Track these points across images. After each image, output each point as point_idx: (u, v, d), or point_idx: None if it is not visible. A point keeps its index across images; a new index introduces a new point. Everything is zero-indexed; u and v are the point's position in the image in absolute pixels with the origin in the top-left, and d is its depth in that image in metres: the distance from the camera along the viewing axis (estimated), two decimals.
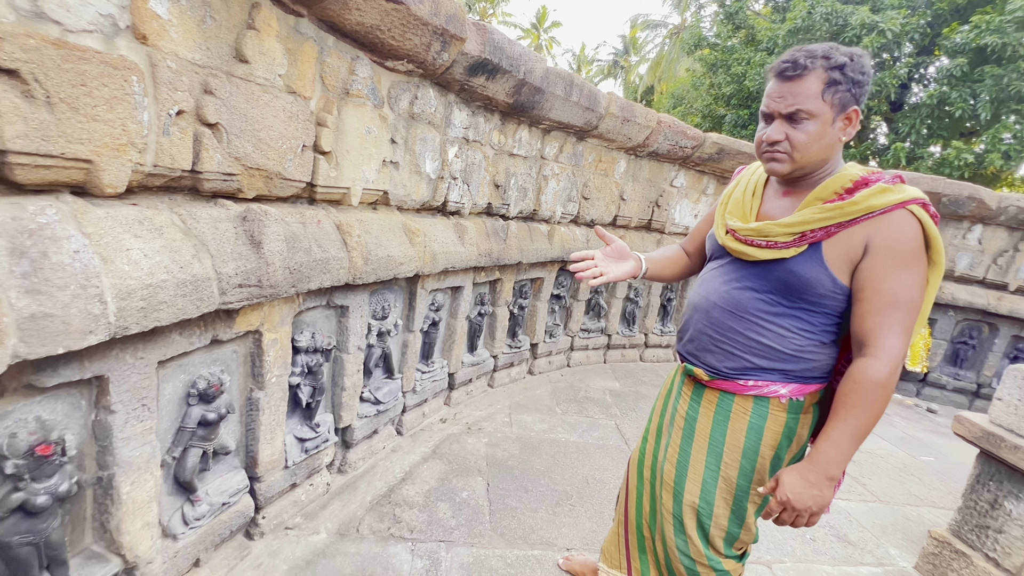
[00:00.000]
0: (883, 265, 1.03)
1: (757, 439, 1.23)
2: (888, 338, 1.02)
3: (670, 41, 22.63)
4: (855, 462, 3.21)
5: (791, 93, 1.05)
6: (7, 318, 0.86)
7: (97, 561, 1.26)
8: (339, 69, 1.77)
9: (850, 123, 1.07)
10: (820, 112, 1.04)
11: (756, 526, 1.36)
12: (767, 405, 1.21)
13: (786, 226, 1.12)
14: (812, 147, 1.07)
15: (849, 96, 1.04)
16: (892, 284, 1.03)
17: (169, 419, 1.44)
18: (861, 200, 1.04)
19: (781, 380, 1.19)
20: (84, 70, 1.00)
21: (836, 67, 1.02)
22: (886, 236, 1.03)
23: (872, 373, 1.02)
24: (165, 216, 1.27)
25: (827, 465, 1.06)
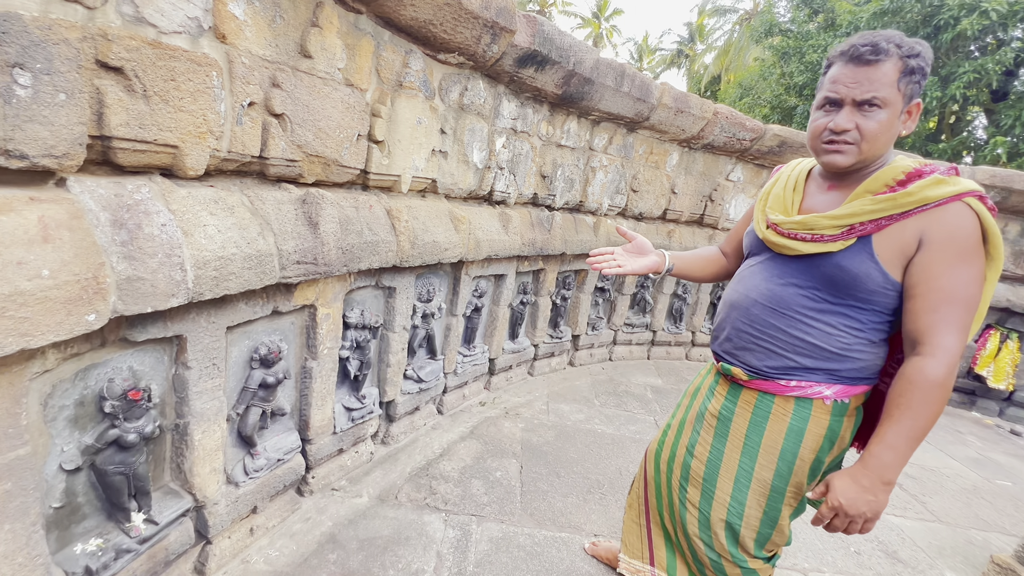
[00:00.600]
0: (939, 259, 0.98)
1: (797, 441, 1.19)
2: (945, 336, 0.97)
3: (739, 28, 21.45)
4: (914, 478, 3.00)
5: (867, 79, 0.99)
6: (109, 278, 1.02)
7: (173, 497, 1.45)
8: (394, 62, 1.88)
9: (910, 116, 1.03)
10: (894, 101, 0.99)
11: (790, 528, 1.34)
12: (809, 407, 1.17)
13: (834, 218, 1.07)
14: (881, 138, 1.02)
15: (917, 88, 1.00)
16: (949, 279, 0.98)
17: (234, 379, 1.61)
18: (916, 191, 0.99)
19: (826, 380, 1.15)
20: (174, 67, 1.15)
21: (912, 55, 0.98)
22: (942, 229, 0.98)
23: (928, 372, 0.98)
24: (236, 197, 1.42)
25: (882, 469, 1.01)
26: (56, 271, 0.92)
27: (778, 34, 11.90)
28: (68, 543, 1.23)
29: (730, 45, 21.40)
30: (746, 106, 13.67)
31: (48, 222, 0.94)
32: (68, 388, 1.14)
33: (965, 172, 4.17)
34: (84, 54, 0.99)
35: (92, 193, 1.06)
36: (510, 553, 1.87)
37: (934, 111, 9.72)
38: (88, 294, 0.97)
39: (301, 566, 1.68)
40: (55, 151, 0.96)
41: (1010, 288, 4.45)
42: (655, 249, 1.53)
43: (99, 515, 1.29)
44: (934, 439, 3.75)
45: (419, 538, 1.88)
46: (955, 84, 8.22)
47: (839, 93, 1.03)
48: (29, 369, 1.00)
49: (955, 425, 4.21)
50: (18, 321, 0.87)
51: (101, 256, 1.01)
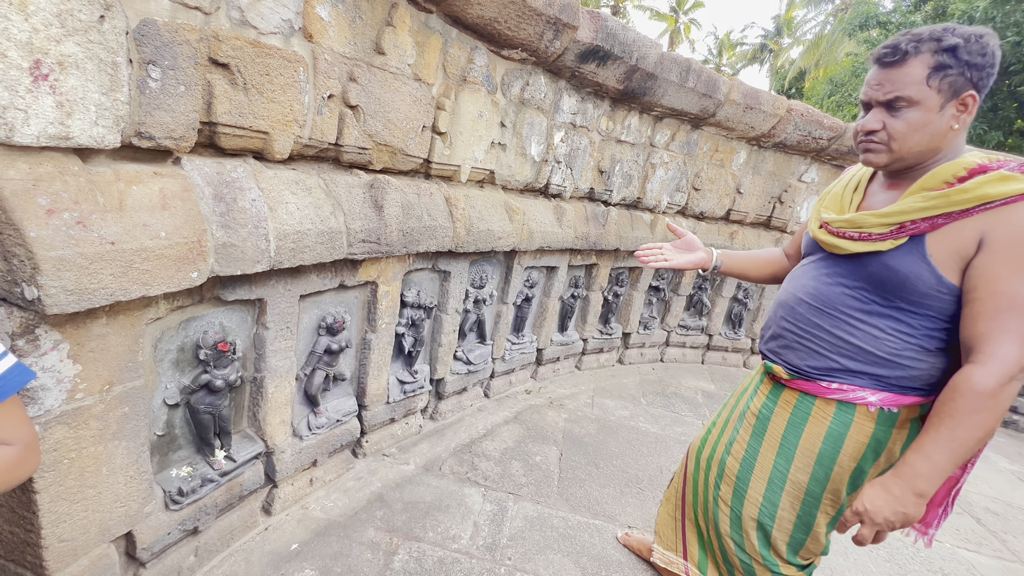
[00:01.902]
0: (1002, 263, 0.92)
1: (836, 447, 1.16)
2: (1002, 344, 0.91)
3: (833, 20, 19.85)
4: (996, 514, 2.71)
5: (889, 80, 0.99)
6: (209, 243, 1.20)
7: (249, 441, 1.66)
8: (459, 58, 1.99)
9: (966, 109, 0.98)
10: (924, 99, 0.97)
11: (827, 538, 1.31)
12: (852, 412, 1.13)
13: (882, 216, 1.04)
14: (912, 136, 0.99)
15: (963, 80, 0.95)
16: (1012, 284, 0.91)
17: (304, 343, 1.80)
18: (973, 188, 0.94)
19: (872, 386, 1.10)
20: (269, 63, 1.32)
21: (947, 49, 0.94)
22: (1006, 230, 0.92)
23: (976, 380, 0.92)
24: (314, 180, 1.60)
25: (914, 478, 0.96)
26: (170, 233, 1.11)
27: (876, 27, 10.91)
28: (166, 467, 1.45)
29: (821, 39, 19.86)
30: (835, 104, 12.66)
31: (167, 193, 1.13)
32: (173, 335, 1.35)
33: None
34: (200, 52, 1.18)
35: (200, 171, 1.25)
36: (543, 532, 1.94)
37: None
38: (193, 255, 1.16)
39: (351, 518, 1.85)
40: (174, 134, 1.15)
41: None
42: (704, 246, 1.54)
43: (190, 447, 1.51)
44: None
45: (458, 507, 2.00)
46: None
47: (867, 95, 1.04)
48: (146, 315, 1.20)
49: None
50: (142, 272, 1.06)
51: (204, 224, 1.19)
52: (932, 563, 2.18)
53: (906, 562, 2.15)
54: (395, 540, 1.77)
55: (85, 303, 0.96)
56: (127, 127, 1.06)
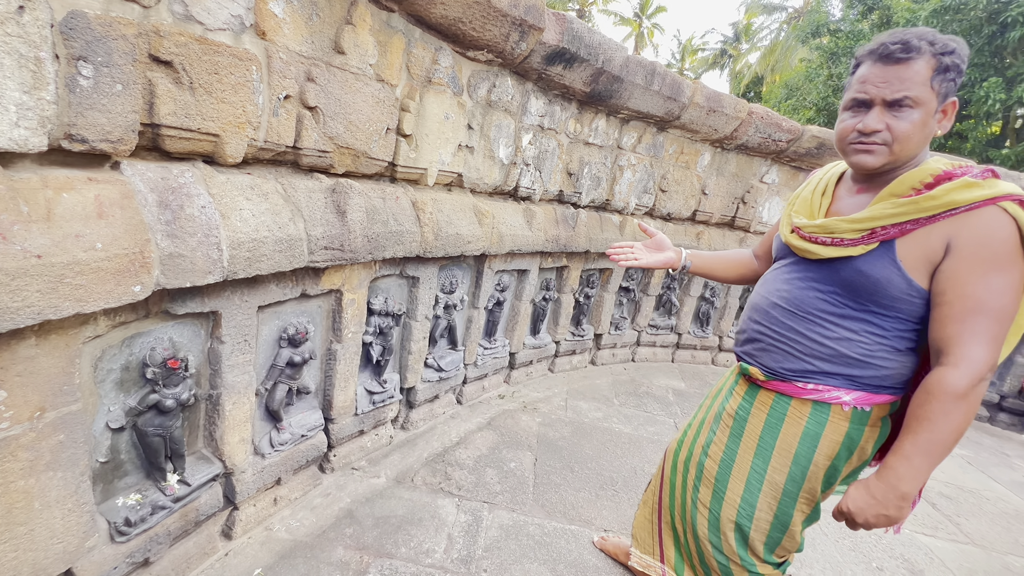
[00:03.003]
0: (967, 267, 0.94)
1: (812, 446, 1.18)
2: (970, 347, 0.93)
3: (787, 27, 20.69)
4: (950, 498, 2.85)
5: (898, 78, 0.96)
6: (153, 254, 1.12)
7: (205, 462, 1.56)
8: (423, 59, 1.94)
9: (946, 116, 0.99)
10: (927, 100, 0.96)
11: (802, 535, 1.32)
12: (827, 412, 1.15)
13: (854, 222, 1.05)
14: (914, 138, 0.98)
15: (953, 86, 0.96)
16: (977, 288, 0.93)
17: (264, 356, 1.71)
18: (941, 195, 0.95)
19: (846, 386, 1.12)
20: (217, 61, 1.24)
21: (946, 52, 0.94)
22: (971, 235, 0.94)
23: (947, 383, 0.94)
24: (270, 184, 1.52)
25: (896, 481, 0.99)
26: (108, 244, 1.02)
27: (827, 34, 11.43)
28: (111, 495, 1.34)
29: (776, 45, 20.68)
30: (791, 107, 13.19)
31: (103, 200, 1.04)
32: (115, 353, 1.25)
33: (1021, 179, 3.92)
34: (139, 49, 1.09)
35: (142, 176, 1.16)
36: (519, 541, 1.91)
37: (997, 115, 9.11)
38: (135, 267, 1.07)
39: (319, 537, 1.77)
40: (111, 136, 1.06)
41: None
42: (673, 247, 1.56)
43: (139, 472, 1.41)
44: (977, 460, 3.55)
45: (432, 520, 1.94)
46: (1022, 86, 7.69)
47: (868, 93, 1.00)
48: (83, 333, 1.11)
49: (1002, 447, 3.97)
50: (74, 288, 0.97)
51: (147, 233, 1.11)
52: (893, 549, 2.26)
53: (869, 550, 2.22)
54: (365, 558, 1.70)
55: (7, 323, 0.86)
56: (55, 129, 0.97)
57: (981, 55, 8.59)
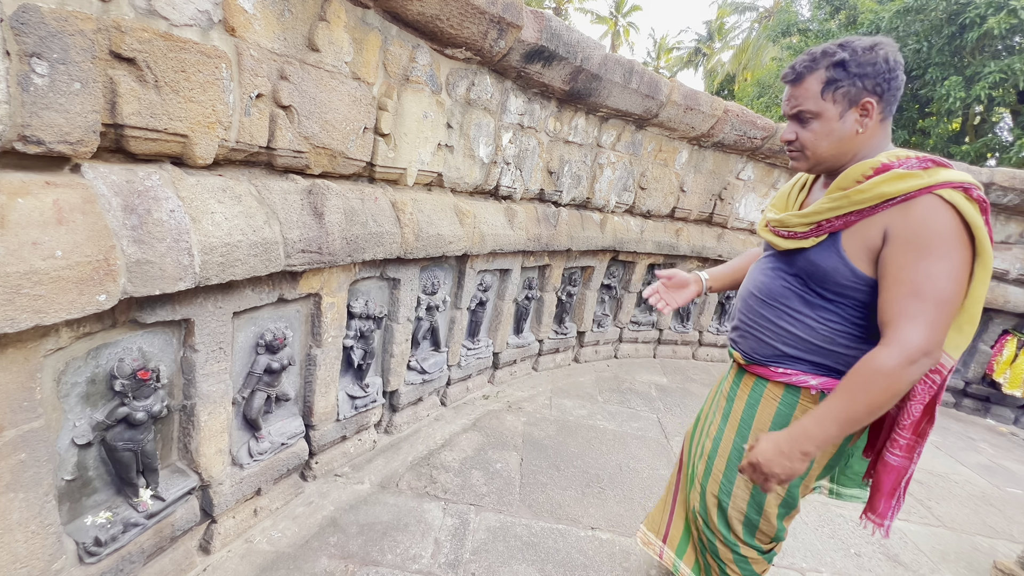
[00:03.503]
0: (902, 253, 0.98)
1: (783, 426, 1.22)
2: (904, 329, 0.96)
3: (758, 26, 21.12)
4: (921, 483, 2.96)
5: (794, 96, 1.10)
6: (119, 261, 1.06)
7: (180, 475, 1.50)
8: (400, 57, 1.91)
9: (867, 114, 1.05)
10: (823, 110, 1.06)
11: (779, 522, 1.33)
12: (797, 394, 1.20)
13: (802, 216, 1.13)
14: (821, 143, 1.08)
15: (857, 89, 1.03)
16: (912, 273, 0.97)
17: (241, 364, 1.66)
18: (870, 188, 1.01)
19: (812, 371, 1.18)
20: (184, 58, 1.19)
21: (836, 64, 1.03)
22: (905, 223, 0.98)
23: (876, 360, 0.97)
24: (244, 186, 1.47)
25: (803, 438, 1.03)
26: (69, 252, 0.97)
27: (796, 33, 11.70)
28: (79, 514, 1.28)
29: (747, 44, 21.09)
30: (763, 105, 13.47)
31: (63, 205, 0.98)
32: (80, 366, 1.19)
33: (984, 174, 4.08)
34: (98, 45, 1.04)
35: (105, 179, 1.10)
36: (507, 543, 1.89)
37: (957, 112, 9.47)
38: (99, 275, 1.02)
39: (302, 548, 1.72)
40: (70, 138, 1.01)
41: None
42: (689, 273, 1.62)
43: (109, 489, 1.34)
44: (945, 445, 3.69)
45: (418, 525, 1.92)
46: (980, 84, 8.01)
47: (783, 111, 1.15)
48: (43, 346, 1.05)
49: (968, 432, 4.14)
50: (32, 298, 0.91)
51: (112, 239, 1.05)
52: (869, 535, 2.32)
53: (846, 536, 2.28)
54: (351, 567, 1.67)
55: None
56: (7, 130, 0.91)
57: (942, 55, 8.91)
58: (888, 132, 1.10)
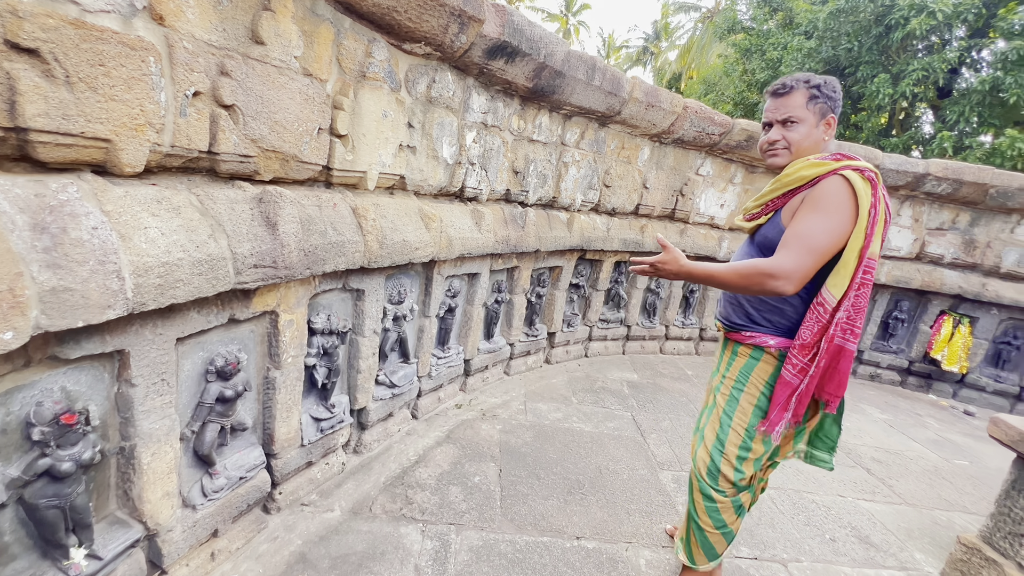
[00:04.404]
0: (802, 210, 1.31)
1: (747, 375, 1.50)
2: (780, 254, 1.27)
3: (702, 26, 21.88)
4: (880, 462, 3.10)
5: (783, 105, 1.40)
6: (29, 290, 0.90)
7: (120, 527, 1.32)
8: (356, 51, 1.77)
9: (829, 127, 1.38)
10: (805, 118, 1.37)
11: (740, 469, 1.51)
12: (761, 353, 1.46)
13: (756, 200, 1.48)
14: (803, 143, 1.38)
15: (826, 107, 1.36)
16: (801, 222, 1.29)
17: (188, 394, 1.48)
18: (794, 172, 1.35)
19: (770, 332, 1.44)
20: (102, 50, 1.02)
21: (815, 86, 1.36)
22: (812, 192, 1.30)
23: (759, 263, 1.28)
24: (183, 196, 1.30)
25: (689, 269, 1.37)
26: None
27: (740, 31, 12.18)
28: None
29: (693, 42, 21.80)
30: (710, 102, 13.94)
31: None
32: None
33: (920, 165, 4.34)
34: None
35: (6, 193, 0.93)
36: (491, 562, 1.81)
37: (886, 107, 10.14)
38: (2, 309, 0.85)
39: None
40: None
41: (961, 275, 4.67)
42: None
43: (31, 554, 1.15)
44: (896, 423, 3.90)
45: (395, 552, 1.79)
46: (905, 82, 8.58)
47: (768, 118, 1.45)
48: None
49: (914, 408, 4.40)
50: None
51: (18, 265, 0.88)
52: (841, 519, 2.40)
53: (821, 522, 2.34)
54: None
55: None
56: None
57: (871, 53, 9.50)
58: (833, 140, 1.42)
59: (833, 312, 1.30)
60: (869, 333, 4.95)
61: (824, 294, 1.30)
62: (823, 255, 1.25)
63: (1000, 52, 7.87)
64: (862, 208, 1.24)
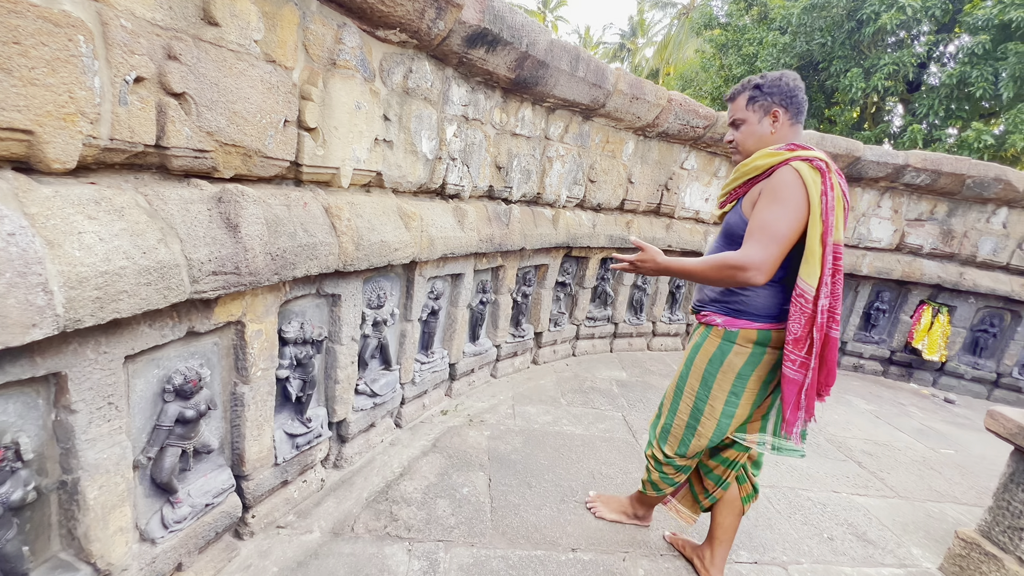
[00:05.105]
0: (761, 201, 1.38)
1: (695, 352, 1.62)
2: (747, 246, 1.34)
3: (679, 22, 22.03)
4: (871, 455, 3.09)
5: (732, 110, 1.56)
6: None
7: (65, 570, 1.17)
8: (324, 37, 1.63)
9: (776, 119, 1.48)
10: (747, 117, 1.51)
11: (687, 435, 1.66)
12: (710, 331, 1.57)
13: (724, 188, 1.58)
14: (747, 141, 1.52)
15: (768, 103, 1.47)
16: (760, 213, 1.35)
17: (143, 417, 1.33)
18: (747, 163, 1.46)
19: (719, 311, 1.55)
20: (17, 26, 0.87)
21: (755, 87, 1.49)
22: (768, 182, 1.38)
23: (728, 256, 1.34)
24: (128, 196, 1.15)
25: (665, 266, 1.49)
26: None
27: (716, 27, 12.26)
28: None
29: (669, 39, 21.93)
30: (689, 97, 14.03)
31: None
32: None
33: (900, 156, 4.38)
34: None
35: None
36: None
37: (858, 101, 10.32)
38: None
39: None
40: None
41: (940, 265, 4.74)
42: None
43: None
44: (881, 413, 3.92)
45: (379, 575, 1.67)
46: (877, 75, 8.73)
47: (727, 122, 1.61)
48: None
49: (897, 397, 4.44)
50: None
51: None
52: (837, 515, 2.37)
53: (819, 522, 2.30)
54: None
55: None
56: None
57: (844, 48, 9.64)
58: (798, 131, 1.48)
59: (815, 301, 1.34)
60: (852, 324, 4.99)
61: (801, 285, 1.34)
62: (786, 243, 1.32)
63: (966, 47, 8.06)
64: (812, 196, 1.30)
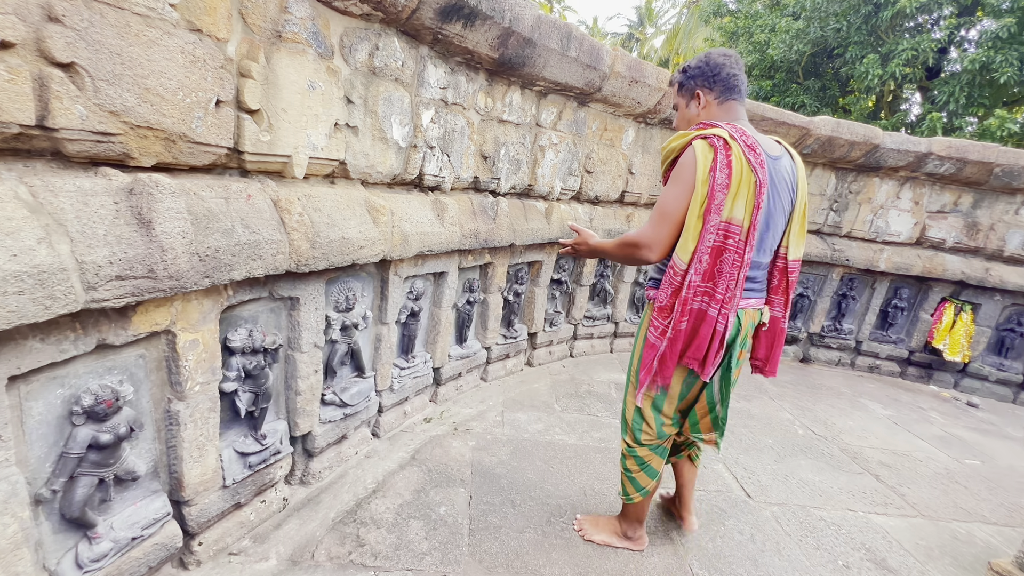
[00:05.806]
0: (667, 183, 1.44)
1: (638, 331, 1.68)
2: (644, 226, 1.46)
3: (688, 11, 21.50)
4: (889, 466, 2.85)
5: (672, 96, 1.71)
6: None
7: None
8: (266, 5, 1.42)
9: (699, 101, 1.51)
10: (678, 103, 1.60)
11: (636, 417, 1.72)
12: (647, 305, 1.64)
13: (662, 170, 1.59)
14: (681, 124, 1.59)
15: (692, 85, 1.52)
16: (664, 194, 1.42)
17: (45, 444, 1.15)
18: (667, 144, 1.49)
19: (654, 286, 1.59)
20: None
21: (681, 71, 1.56)
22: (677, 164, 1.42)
23: (629, 233, 1.49)
24: (5, 187, 0.96)
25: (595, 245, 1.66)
26: None
27: (726, 14, 11.87)
28: None
29: (679, 28, 21.42)
30: None
31: None
32: None
33: (923, 144, 4.09)
34: None
35: None
36: None
37: (875, 89, 9.92)
38: None
39: None
40: None
41: (963, 260, 4.45)
42: None
43: None
44: (900, 419, 3.67)
45: None
46: (894, 62, 8.34)
47: None
48: None
49: (916, 401, 4.18)
50: None
51: None
52: (853, 538, 2.15)
53: (831, 545, 2.08)
54: None
55: None
56: None
57: (860, 33, 9.23)
58: (731, 109, 1.47)
59: (683, 275, 1.39)
60: (868, 323, 4.72)
61: (674, 258, 1.40)
62: (674, 220, 1.38)
63: (989, 31, 7.64)
64: (699, 173, 1.31)
